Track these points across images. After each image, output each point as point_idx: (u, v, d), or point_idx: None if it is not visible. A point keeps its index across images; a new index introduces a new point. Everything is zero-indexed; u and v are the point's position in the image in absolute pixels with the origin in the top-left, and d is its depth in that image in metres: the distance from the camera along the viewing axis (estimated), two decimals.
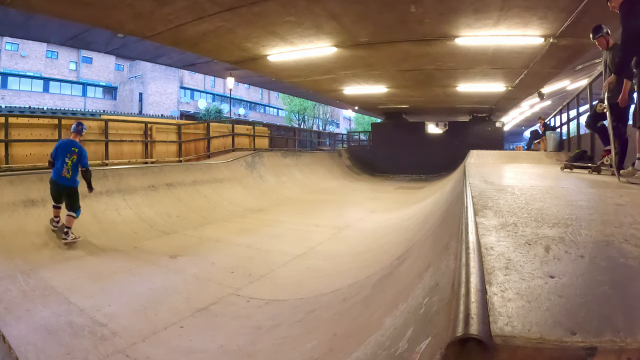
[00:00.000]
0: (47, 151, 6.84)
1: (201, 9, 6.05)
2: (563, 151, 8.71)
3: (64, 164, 4.45)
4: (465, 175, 3.67)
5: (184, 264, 3.92)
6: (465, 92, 12.37)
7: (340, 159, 16.48)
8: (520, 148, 22.58)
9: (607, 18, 4.15)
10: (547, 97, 13.74)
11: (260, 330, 2.41)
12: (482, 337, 0.67)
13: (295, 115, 34.81)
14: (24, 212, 4.46)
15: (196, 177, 7.58)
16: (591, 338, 0.65)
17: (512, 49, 7.62)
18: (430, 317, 1.06)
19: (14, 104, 22.62)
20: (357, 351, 1.49)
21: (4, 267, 3.41)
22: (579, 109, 7.90)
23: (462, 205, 2.01)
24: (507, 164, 7.46)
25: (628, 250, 1.10)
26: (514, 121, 26.37)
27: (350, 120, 41.79)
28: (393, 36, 7.31)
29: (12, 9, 6.08)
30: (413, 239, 3.54)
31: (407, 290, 1.69)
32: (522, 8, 5.73)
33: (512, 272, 0.93)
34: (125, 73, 31.38)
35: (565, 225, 1.41)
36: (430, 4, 5.79)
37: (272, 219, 6.30)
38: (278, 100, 38.39)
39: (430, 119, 20.76)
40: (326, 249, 4.38)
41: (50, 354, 2.13)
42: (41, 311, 2.67)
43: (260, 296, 3.01)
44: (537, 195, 2.28)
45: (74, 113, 20.34)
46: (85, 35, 8.77)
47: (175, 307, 2.79)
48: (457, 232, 1.49)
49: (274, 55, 8.75)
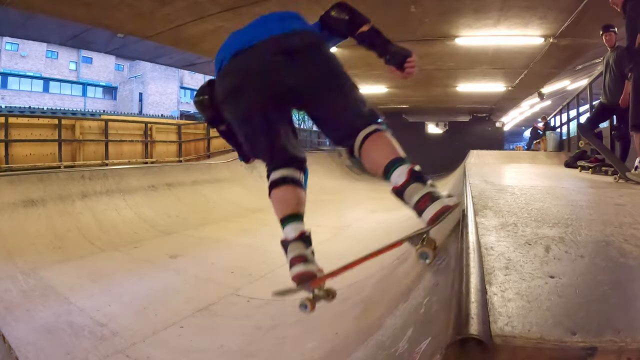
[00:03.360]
0: (47, 151, 6.88)
1: (201, 9, 6.05)
2: (563, 151, 8.71)
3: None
4: (465, 175, 3.67)
5: (184, 264, 3.92)
6: (466, 92, 12.37)
7: (340, 159, 16.48)
8: (520, 148, 22.58)
9: (607, 18, 4.15)
10: (547, 97, 13.74)
11: (260, 330, 2.41)
12: (482, 337, 0.67)
13: (295, 115, 34.79)
14: (24, 212, 4.46)
15: (196, 177, 7.58)
16: (591, 338, 0.65)
17: (512, 49, 7.62)
18: (430, 317, 1.06)
19: (14, 104, 22.60)
20: (358, 351, 1.48)
21: (4, 267, 3.41)
22: (579, 109, 7.90)
23: (462, 205, 2.01)
24: (507, 164, 7.47)
25: (628, 250, 1.10)
26: (514, 121, 26.35)
27: None
28: (393, 36, 7.17)
29: (12, 8, 6.08)
30: None
31: (407, 290, 1.69)
32: (522, 8, 5.73)
33: (512, 272, 0.93)
34: (125, 73, 31.39)
35: (565, 225, 1.41)
36: (430, 4, 5.79)
37: (272, 219, 6.23)
38: None
39: (430, 119, 20.74)
40: (326, 249, 4.36)
41: (50, 354, 2.13)
42: (41, 311, 2.67)
43: (260, 296, 3.01)
44: (537, 195, 2.28)
45: (74, 113, 20.33)
46: (85, 35, 8.79)
47: (175, 307, 2.79)
48: (457, 232, 1.49)
49: None
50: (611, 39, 4.00)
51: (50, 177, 5.06)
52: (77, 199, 5.02)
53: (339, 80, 1.46)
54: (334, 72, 1.46)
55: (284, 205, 1.55)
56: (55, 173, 5.33)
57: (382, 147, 1.36)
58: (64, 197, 4.87)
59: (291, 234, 1.53)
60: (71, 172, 5.56)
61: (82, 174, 5.38)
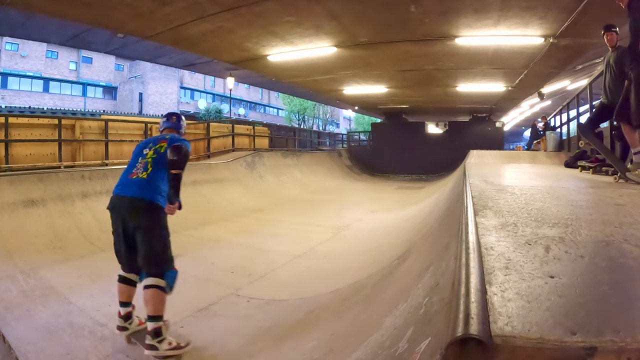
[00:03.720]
0: (47, 151, 6.87)
1: (201, 9, 6.05)
2: (563, 151, 8.71)
3: (138, 160, 2.52)
4: (465, 175, 3.67)
5: (184, 264, 3.90)
6: (466, 92, 12.37)
7: (340, 159, 16.48)
8: (520, 148, 22.57)
9: (607, 18, 4.14)
10: (547, 97, 13.74)
11: (260, 330, 2.41)
12: (482, 337, 0.67)
13: (295, 115, 34.80)
14: (24, 212, 4.46)
15: (196, 177, 7.58)
16: (591, 338, 0.65)
17: (512, 49, 7.62)
18: (430, 317, 1.06)
19: (14, 104, 22.61)
20: (357, 351, 1.49)
21: (4, 267, 3.41)
22: (579, 109, 7.90)
23: (462, 205, 2.01)
24: (507, 164, 7.47)
25: (628, 250, 1.10)
26: (514, 121, 26.37)
27: (350, 120, 41.77)
28: (393, 36, 7.32)
29: (12, 8, 6.07)
30: (413, 239, 3.54)
31: (407, 290, 1.69)
32: (522, 8, 5.73)
33: (512, 272, 0.93)
34: (125, 73, 31.39)
35: (565, 225, 1.41)
36: (430, 4, 5.78)
37: (272, 219, 6.30)
38: (278, 100, 38.38)
39: (430, 119, 20.75)
40: (326, 249, 4.38)
41: (50, 354, 2.13)
42: (41, 311, 2.68)
43: (260, 296, 3.02)
44: (537, 195, 2.28)
45: (74, 113, 20.35)
46: (85, 35, 8.78)
47: (175, 307, 2.79)
48: (457, 232, 1.49)
49: (274, 55, 8.75)
50: (612, 38, 3.99)
51: (50, 177, 5.06)
52: (77, 199, 5.01)
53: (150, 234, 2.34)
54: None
55: (120, 295, 2.34)
56: (55, 173, 5.33)
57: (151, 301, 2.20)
58: (64, 197, 4.86)
59: (121, 311, 2.31)
60: (71, 172, 5.55)
61: (82, 174, 5.37)
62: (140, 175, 2.42)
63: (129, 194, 2.36)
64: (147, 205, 2.31)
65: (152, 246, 2.25)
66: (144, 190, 2.35)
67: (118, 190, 2.45)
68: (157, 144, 2.55)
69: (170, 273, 2.29)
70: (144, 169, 2.44)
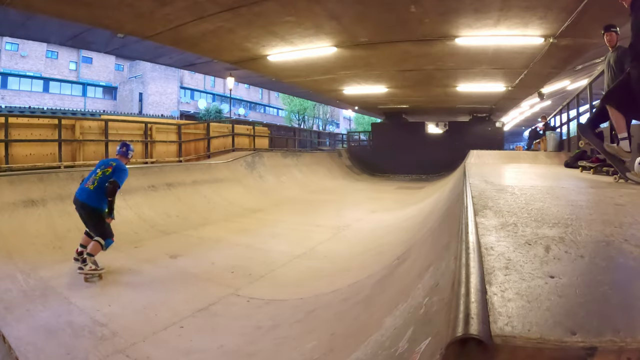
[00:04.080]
0: (47, 151, 6.87)
1: (201, 9, 6.05)
2: (563, 151, 8.71)
3: (93, 174, 3.62)
4: (465, 175, 3.67)
5: (184, 264, 3.92)
6: (465, 92, 12.37)
7: (340, 159, 16.48)
8: (520, 148, 22.57)
9: (607, 18, 4.14)
10: (547, 97, 13.74)
11: (260, 330, 2.41)
12: (482, 337, 0.67)
13: (295, 115, 34.81)
14: (24, 212, 4.46)
15: (196, 177, 7.58)
16: (591, 338, 0.65)
17: (512, 49, 7.62)
18: (430, 317, 1.06)
19: (14, 104, 22.61)
20: (357, 351, 1.49)
21: (4, 267, 3.41)
22: (579, 109, 7.90)
23: (462, 205, 2.01)
24: (507, 164, 7.47)
25: (628, 250, 1.10)
26: (514, 121, 26.37)
27: (350, 120, 41.78)
28: (393, 36, 7.31)
29: (12, 8, 6.07)
30: (413, 239, 3.54)
31: (407, 290, 1.69)
32: (522, 8, 5.73)
33: (512, 272, 0.93)
34: (125, 73, 31.38)
35: (565, 225, 1.41)
36: (430, 4, 5.78)
37: (272, 219, 6.30)
38: (278, 100, 38.38)
39: (430, 119, 20.73)
40: (326, 249, 4.38)
41: (50, 354, 2.13)
42: (41, 311, 2.68)
43: (260, 296, 3.02)
44: (537, 195, 2.28)
45: (74, 113, 20.35)
46: (85, 35, 8.77)
47: (175, 307, 2.79)
48: (457, 232, 1.49)
49: (274, 55, 8.75)
50: (612, 38, 3.99)
51: (50, 177, 5.07)
52: None
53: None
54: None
55: (82, 240, 3.67)
56: (55, 173, 5.33)
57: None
58: (64, 197, 4.86)
59: (78, 249, 3.63)
60: (71, 172, 5.56)
61: (82, 174, 5.36)
62: (90, 187, 3.53)
63: (81, 199, 3.52)
64: (92, 210, 3.51)
65: (95, 228, 3.55)
66: (91, 198, 3.50)
67: (77, 193, 3.58)
68: (106, 167, 3.63)
69: (107, 241, 3.55)
70: (92, 183, 3.55)
